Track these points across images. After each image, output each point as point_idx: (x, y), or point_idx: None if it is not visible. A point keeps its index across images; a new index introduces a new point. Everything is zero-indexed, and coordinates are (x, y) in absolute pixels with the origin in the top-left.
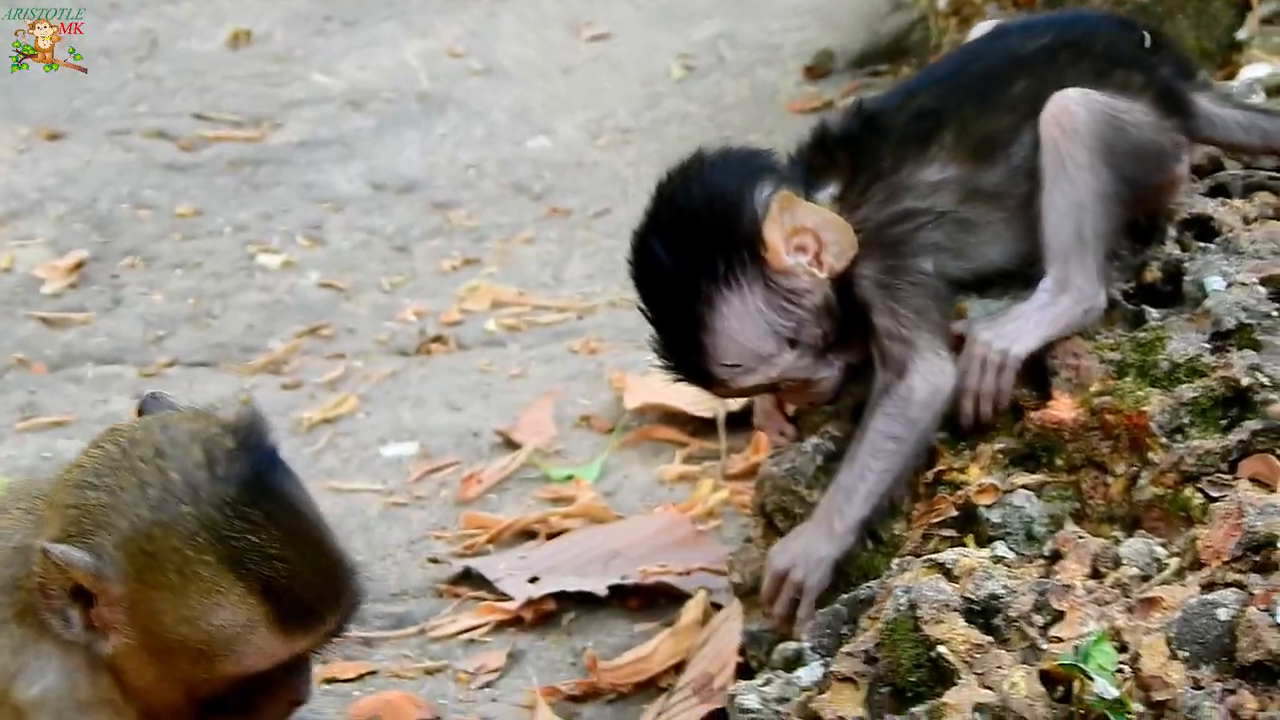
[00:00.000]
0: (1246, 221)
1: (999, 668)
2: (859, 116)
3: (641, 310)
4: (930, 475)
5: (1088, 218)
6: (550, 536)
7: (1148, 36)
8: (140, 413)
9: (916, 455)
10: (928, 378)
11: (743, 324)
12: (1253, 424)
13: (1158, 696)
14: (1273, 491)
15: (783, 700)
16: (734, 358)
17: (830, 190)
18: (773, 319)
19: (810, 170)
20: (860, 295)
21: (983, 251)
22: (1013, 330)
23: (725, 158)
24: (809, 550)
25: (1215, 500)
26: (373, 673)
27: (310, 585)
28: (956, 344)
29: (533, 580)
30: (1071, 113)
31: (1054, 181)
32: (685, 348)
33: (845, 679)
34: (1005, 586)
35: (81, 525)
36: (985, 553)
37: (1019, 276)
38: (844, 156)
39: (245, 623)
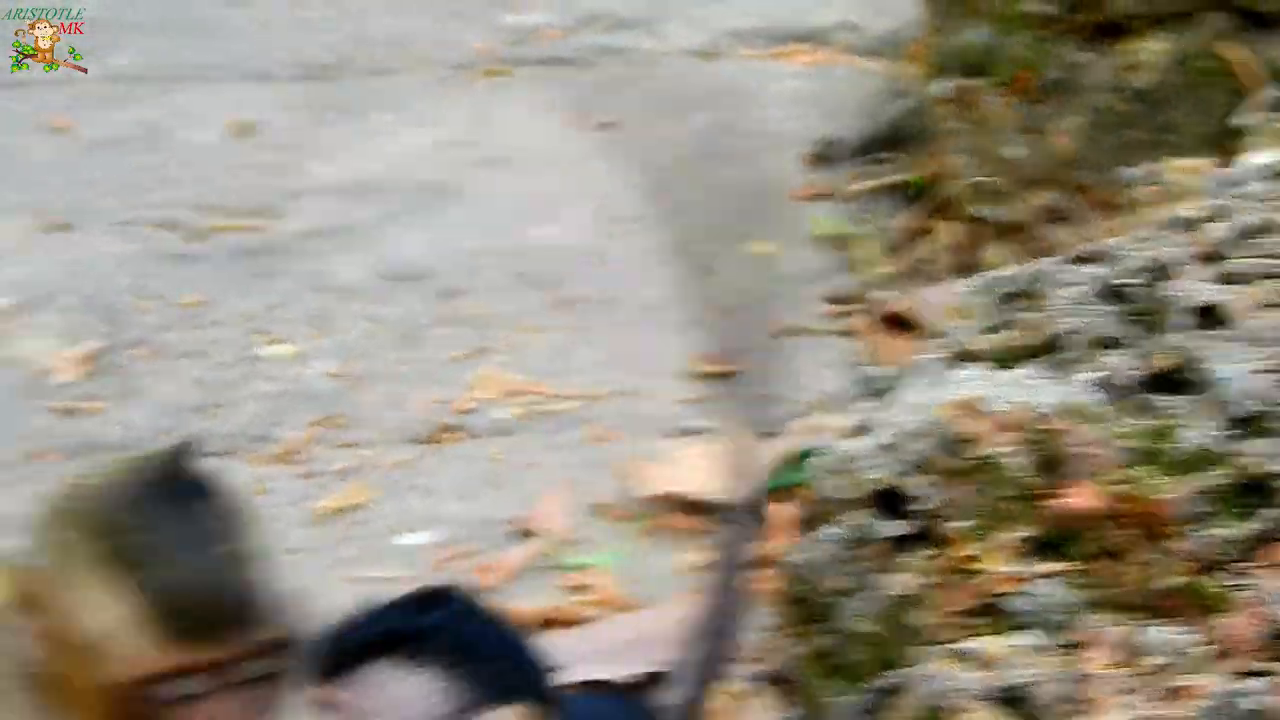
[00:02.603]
0: (1256, 308)
1: None
2: None
3: None
4: (951, 563)
5: None
6: (571, 625)
7: None
8: None
9: None
10: None
11: None
12: (1271, 512)
13: None
14: None
15: None
16: None
17: None
18: None
19: None
20: None
21: None
22: None
23: None
24: None
25: (1235, 589)
26: None
27: (188, 592)
28: None
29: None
30: None
31: None
32: None
33: None
34: (1031, 675)
35: None
36: (1009, 641)
37: None
38: None
39: (119, 616)
